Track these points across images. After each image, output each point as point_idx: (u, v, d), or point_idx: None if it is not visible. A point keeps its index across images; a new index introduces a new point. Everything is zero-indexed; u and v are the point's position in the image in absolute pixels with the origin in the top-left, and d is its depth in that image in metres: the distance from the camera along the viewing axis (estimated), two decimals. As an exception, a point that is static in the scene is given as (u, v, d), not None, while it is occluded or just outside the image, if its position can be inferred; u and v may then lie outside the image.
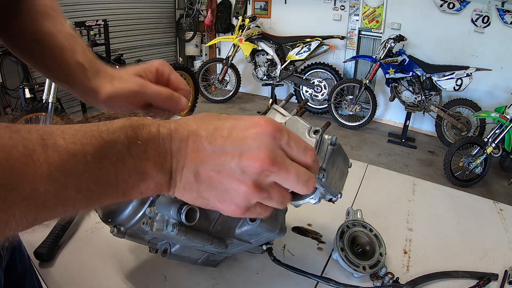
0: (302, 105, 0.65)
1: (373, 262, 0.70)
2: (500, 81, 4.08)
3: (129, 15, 5.19)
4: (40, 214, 0.27)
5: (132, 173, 0.32)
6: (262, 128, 0.33)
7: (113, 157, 0.30)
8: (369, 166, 1.16)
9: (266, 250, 0.67)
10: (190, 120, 0.36)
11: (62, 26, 0.57)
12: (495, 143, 3.28)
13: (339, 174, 0.58)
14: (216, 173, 0.33)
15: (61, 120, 3.00)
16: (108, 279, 0.67)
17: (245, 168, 0.33)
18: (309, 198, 0.58)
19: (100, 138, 0.30)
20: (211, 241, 0.54)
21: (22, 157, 0.26)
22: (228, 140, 0.33)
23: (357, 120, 4.70)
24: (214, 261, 0.69)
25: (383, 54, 4.14)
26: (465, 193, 1.05)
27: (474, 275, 0.71)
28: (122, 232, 0.54)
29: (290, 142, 0.35)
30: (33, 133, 0.27)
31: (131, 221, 0.52)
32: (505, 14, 3.94)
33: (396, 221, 0.90)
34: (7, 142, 0.26)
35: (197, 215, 0.47)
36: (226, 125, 0.34)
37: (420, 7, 4.37)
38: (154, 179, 0.33)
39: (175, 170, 0.34)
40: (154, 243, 0.59)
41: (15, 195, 0.25)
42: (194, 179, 0.34)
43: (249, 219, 0.58)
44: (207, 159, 0.33)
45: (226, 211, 0.35)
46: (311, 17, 5.11)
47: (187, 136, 0.34)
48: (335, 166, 0.55)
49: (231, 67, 5.16)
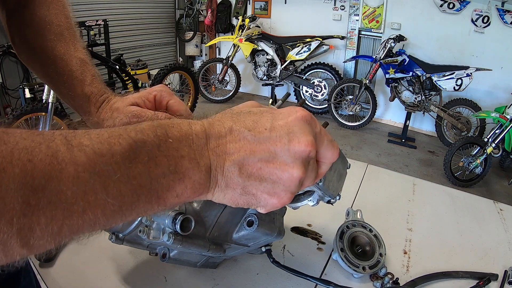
0: (299, 105, 0.65)
1: (373, 262, 0.70)
2: (500, 81, 4.08)
3: (129, 15, 5.18)
4: (67, 220, 0.25)
5: (166, 173, 0.30)
6: (300, 114, 0.35)
7: (144, 156, 0.28)
8: (369, 166, 1.16)
9: (265, 252, 0.67)
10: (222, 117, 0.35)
11: (74, 50, 0.58)
12: (495, 143, 3.28)
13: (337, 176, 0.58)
14: (265, 164, 0.33)
15: (61, 120, 3.00)
16: (108, 279, 0.67)
17: (296, 153, 0.33)
18: (307, 201, 0.58)
19: (128, 137, 0.28)
20: (208, 248, 0.54)
21: (46, 157, 0.24)
22: (273, 131, 0.33)
23: (357, 120, 4.69)
24: (213, 263, 0.69)
25: (383, 54, 4.14)
26: (465, 193, 1.05)
27: (474, 275, 0.71)
28: (120, 239, 0.54)
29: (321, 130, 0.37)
30: (56, 135, 0.26)
31: (128, 229, 0.53)
32: (505, 14, 3.94)
33: (396, 221, 0.90)
34: (30, 144, 0.24)
35: (192, 224, 0.47)
36: (265, 117, 0.35)
37: (420, 7, 4.36)
38: (192, 178, 0.31)
39: (215, 167, 0.32)
40: (153, 248, 0.59)
41: (40, 199, 0.23)
42: (239, 174, 0.33)
43: (246, 224, 0.57)
44: (255, 151, 0.33)
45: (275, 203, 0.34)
46: (311, 17, 5.11)
47: (224, 132, 0.33)
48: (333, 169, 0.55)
49: (231, 67, 5.16)
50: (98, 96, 0.57)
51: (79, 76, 0.57)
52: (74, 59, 0.57)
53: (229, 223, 0.57)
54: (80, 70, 0.57)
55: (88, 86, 0.57)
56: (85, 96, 0.57)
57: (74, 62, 0.57)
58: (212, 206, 0.54)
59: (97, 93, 0.57)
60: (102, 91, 0.58)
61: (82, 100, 0.57)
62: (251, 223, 0.57)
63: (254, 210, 0.58)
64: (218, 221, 0.55)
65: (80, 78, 0.57)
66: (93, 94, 0.57)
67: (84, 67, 0.58)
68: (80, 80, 0.57)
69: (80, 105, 0.57)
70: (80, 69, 0.57)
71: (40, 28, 0.57)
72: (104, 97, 0.57)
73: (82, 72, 0.57)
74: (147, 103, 0.56)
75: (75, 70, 0.57)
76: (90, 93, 0.57)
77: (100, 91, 0.58)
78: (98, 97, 0.57)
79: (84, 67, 0.58)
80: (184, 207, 0.51)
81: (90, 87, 0.57)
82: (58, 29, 0.58)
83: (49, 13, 0.58)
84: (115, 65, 3.80)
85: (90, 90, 0.57)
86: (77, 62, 0.57)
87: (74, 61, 0.57)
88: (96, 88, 0.58)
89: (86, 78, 0.57)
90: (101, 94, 0.58)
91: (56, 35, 0.57)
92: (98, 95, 0.57)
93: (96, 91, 0.57)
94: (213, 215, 0.54)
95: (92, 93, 0.57)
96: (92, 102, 0.57)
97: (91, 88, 0.57)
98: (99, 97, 0.57)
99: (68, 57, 0.57)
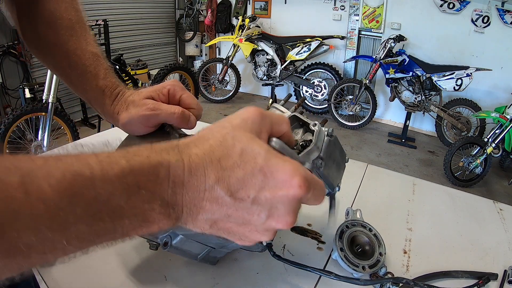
0: (300, 103, 0.66)
1: (372, 262, 0.70)
2: (500, 81, 4.08)
3: (129, 15, 5.18)
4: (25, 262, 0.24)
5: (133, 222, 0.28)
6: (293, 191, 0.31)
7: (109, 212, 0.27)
8: (369, 166, 1.16)
9: (266, 245, 0.67)
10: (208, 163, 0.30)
11: (86, 44, 0.59)
12: (495, 143, 3.28)
13: (336, 166, 0.59)
14: (236, 226, 0.33)
15: (61, 120, 3.00)
16: (108, 279, 0.67)
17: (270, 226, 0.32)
18: None
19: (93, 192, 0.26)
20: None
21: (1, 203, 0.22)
22: (255, 202, 0.31)
23: (357, 120, 4.70)
24: (214, 257, 0.69)
25: (383, 54, 4.14)
26: (465, 193, 1.05)
27: (474, 274, 0.71)
28: None
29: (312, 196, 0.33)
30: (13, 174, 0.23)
31: None
32: (505, 14, 3.94)
33: (396, 221, 0.90)
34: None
35: None
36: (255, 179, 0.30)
37: (420, 7, 4.36)
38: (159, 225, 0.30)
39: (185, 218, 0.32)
40: (155, 236, 0.59)
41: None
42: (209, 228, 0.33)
43: None
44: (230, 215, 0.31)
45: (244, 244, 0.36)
46: (311, 17, 5.11)
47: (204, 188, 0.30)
48: (331, 158, 0.56)
49: (231, 67, 5.16)
50: (112, 90, 0.58)
51: (93, 71, 0.57)
52: (87, 53, 0.58)
53: None
54: (94, 65, 0.58)
55: (102, 80, 0.57)
56: (100, 90, 0.57)
57: (87, 56, 0.58)
58: None
59: (111, 86, 0.58)
60: (116, 84, 0.59)
61: (97, 94, 0.57)
62: None
63: None
64: None
65: (94, 72, 0.57)
66: (107, 88, 0.58)
67: (97, 61, 0.59)
68: (94, 74, 0.57)
69: (95, 98, 0.58)
70: (93, 64, 0.58)
71: (51, 23, 0.57)
72: (118, 90, 0.58)
73: (95, 67, 0.58)
74: (161, 96, 0.57)
75: (88, 65, 0.57)
76: (105, 86, 0.58)
77: (114, 85, 0.58)
78: (112, 91, 0.58)
79: (97, 61, 0.59)
80: None
81: (104, 81, 0.58)
82: (69, 23, 0.58)
83: (59, 7, 0.58)
84: (115, 65, 3.79)
85: (105, 84, 0.58)
86: (90, 56, 0.58)
87: (87, 55, 0.58)
88: (110, 82, 0.58)
89: (100, 72, 0.58)
90: (115, 88, 0.58)
91: (67, 29, 0.57)
92: (112, 88, 0.58)
93: (110, 84, 0.58)
94: None
95: (107, 86, 0.58)
96: (106, 95, 0.57)
97: (105, 81, 0.58)
98: (113, 91, 0.58)
99: (81, 51, 0.57)
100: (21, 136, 3.08)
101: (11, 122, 2.73)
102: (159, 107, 0.54)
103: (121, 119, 0.55)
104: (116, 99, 0.58)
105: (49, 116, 2.85)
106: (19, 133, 3.06)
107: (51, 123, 2.87)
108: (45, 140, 2.86)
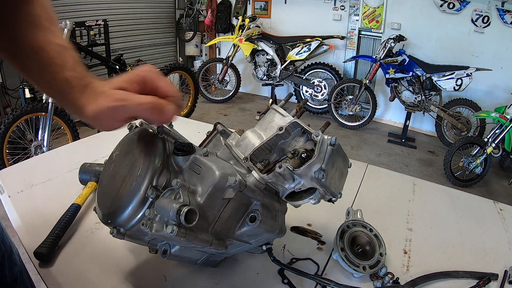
0: (301, 106, 0.65)
1: (373, 262, 0.70)
2: (500, 81, 4.08)
3: (129, 15, 5.18)
4: None
5: None
6: None
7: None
8: (369, 166, 1.16)
9: (266, 250, 0.67)
10: None
11: (53, 37, 0.55)
12: (495, 143, 3.28)
13: (338, 174, 0.58)
14: None
15: (61, 120, 3.00)
16: (108, 279, 0.67)
17: None
18: (308, 199, 0.59)
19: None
20: (210, 242, 0.54)
21: None
22: None
23: (357, 120, 4.70)
24: (214, 261, 0.69)
25: (383, 54, 4.14)
26: (465, 193, 1.05)
27: (474, 275, 0.71)
28: (121, 233, 0.54)
29: None
30: None
31: (131, 222, 0.52)
32: (505, 14, 3.94)
33: (396, 221, 0.90)
34: None
35: (197, 216, 0.47)
36: None
37: (420, 7, 4.36)
38: None
39: None
40: (153, 244, 0.59)
41: None
42: None
43: (248, 220, 0.58)
44: None
45: None
46: (311, 17, 5.11)
47: None
48: (334, 167, 0.56)
49: (231, 67, 5.16)
50: (80, 81, 0.53)
51: (59, 62, 0.53)
52: (53, 45, 0.54)
53: (231, 218, 0.57)
54: (60, 56, 0.54)
55: (69, 71, 0.53)
56: (66, 81, 0.53)
57: (53, 48, 0.53)
58: (215, 201, 0.54)
59: (79, 77, 0.53)
60: (84, 75, 0.54)
61: (63, 86, 0.53)
62: (254, 218, 0.57)
63: (257, 206, 0.58)
64: (220, 216, 0.55)
65: (60, 64, 0.53)
66: (75, 79, 0.53)
67: (65, 52, 0.54)
68: (60, 66, 0.53)
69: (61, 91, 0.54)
70: (60, 55, 0.54)
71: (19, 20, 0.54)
72: (87, 81, 0.53)
73: (62, 58, 0.54)
74: (135, 85, 0.52)
75: (55, 57, 0.53)
76: (72, 77, 0.53)
77: (82, 75, 0.54)
78: (80, 82, 0.53)
79: (65, 52, 0.54)
80: (188, 200, 0.50)
81: (72, 72, 0.53)
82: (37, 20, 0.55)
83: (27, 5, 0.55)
84: (115, 65, 3.79)
85: (72, 75, 0.53)
86: (56, 49, 0.54)
87: (53, 47, 0.53)
88: (78, 73, 0.54)
89: (67, 63, 0.53)
90: (84, 78, 0.54)
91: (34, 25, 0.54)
92: (80, 79, 0.53)
93: (78, 75, 0.53)
94: (216, 210, 0.54)
95: (75, 77, 0.53)
96: (74, 87, 0.53)
97: (72, 73, 0.53)
98: (81, 81, 0.53)
99: (48, 44, 0.53)
100: (21, 136, 3.08)
101: (11, 122, 2.73)
102: (127, 97, 0.50)
103: (89, 113, 0.51)
104: (84, 91, 0.53)
105: (49, 116, 2.84)
106: (19, 133, 3.05)
107: (51, 123, 2.87)
108: (45, 140, 2.86)
